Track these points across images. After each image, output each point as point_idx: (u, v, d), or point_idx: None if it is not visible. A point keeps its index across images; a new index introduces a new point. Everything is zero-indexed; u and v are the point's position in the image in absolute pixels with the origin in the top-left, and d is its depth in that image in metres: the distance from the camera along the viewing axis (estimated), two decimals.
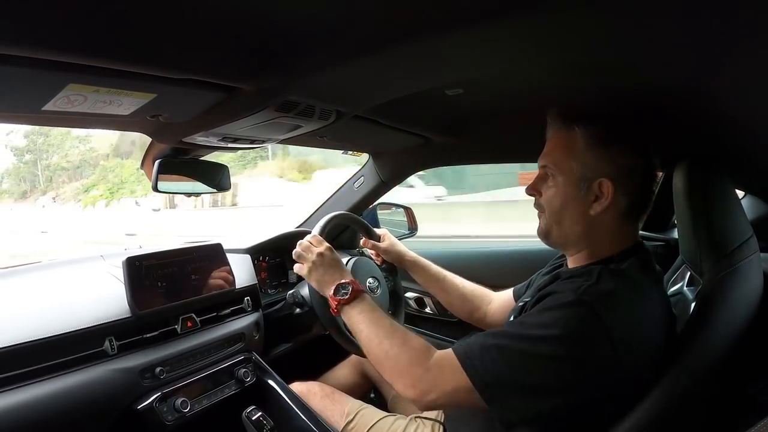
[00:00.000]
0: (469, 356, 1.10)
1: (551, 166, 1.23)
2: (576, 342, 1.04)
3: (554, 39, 0.95)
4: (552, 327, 1.05)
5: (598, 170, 1.18)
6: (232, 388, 1.71)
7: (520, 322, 1.15)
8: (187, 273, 1.72)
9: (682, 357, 1.10)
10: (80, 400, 1.33)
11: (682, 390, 1.06)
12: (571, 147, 1.20)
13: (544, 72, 1.28)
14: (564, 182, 1.21)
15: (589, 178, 1.18)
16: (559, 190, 1.22)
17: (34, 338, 1.30)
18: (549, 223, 1.26)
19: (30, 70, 0.85)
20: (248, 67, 1.09)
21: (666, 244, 2.01)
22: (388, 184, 2.53)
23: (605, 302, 1.06)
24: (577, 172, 1.19)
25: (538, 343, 1.05)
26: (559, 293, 1.11)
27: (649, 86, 1.26)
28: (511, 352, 1.07)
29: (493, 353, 1.08)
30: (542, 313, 1.10)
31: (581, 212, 1.20)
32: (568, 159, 1.20)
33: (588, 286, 1.08)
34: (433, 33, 0.92)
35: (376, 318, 1.28)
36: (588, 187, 1.18)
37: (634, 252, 1.20)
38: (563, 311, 1.07)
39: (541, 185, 1.27)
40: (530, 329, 1.08)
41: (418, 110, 1.70)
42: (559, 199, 1.22)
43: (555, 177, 1.23)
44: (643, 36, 0.93)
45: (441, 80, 1.29)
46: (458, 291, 1.80)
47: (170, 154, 1.73)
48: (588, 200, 1.19)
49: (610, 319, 1.04)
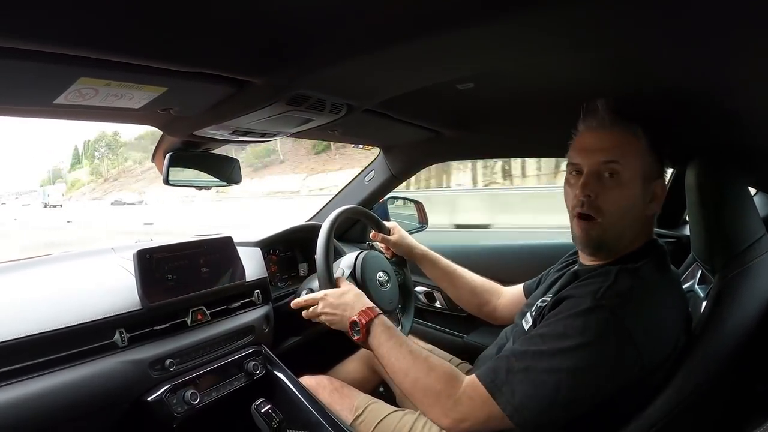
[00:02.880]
0: (497, 384, 1.10)
1: (620, 162, 1.17)
2: (600, 349, 1.04)
3: (567, 34, 0.94)
4: (574, 336, 1.05)
5: (656, 171, 1.19)
6: (242, 381, 1.71)
7: (540, 336, 1.12)
8: (198, 266, 1.73)
9: (694, 355, 1.10)
10: (90, 392, 1.34)
11: (694, 387, 1.06)
12: (635, 145, 1.18)
13: (556, 67, 1.27)
14: (631, 180, 1.17)
15: (650, 178, 1.18)
16: (625, 189, 1.17)
17: (45, 330, 1.31)
18: (606, 227, 1.20)
19: (41, 63, 0.85)
20: (259, 61, 1.09)
21: (677, 242, 2.00)
22: (399, 178, 2.53)
23: (625, 304, 1.06)
24: (642, 171, 1.17)
25: (562, 356, 1.05)
26: (577, 298, 1.11)
27: (662, 83, 1.25)
28: (538, 373, 1.06)
29: (520, 377, 1.08)
30: (562, 322, 1.09)
31: (641, 213, 1.20)
32: (636, 157, 1.17)
33: (606, 289, 1.08)
34: (445, 28, 0.91)
35: (395, 347, 1.29)
36: (649, 187, 1.18)
37: (648, 250, 1.19)
38: (583, 318, 1.06)
39: (597, 185, 1.19)
40: (552, 342, 1.07)
41: (429, 104, 1.70)
42: (625, 198, 1.18)
43: (619, 175, 1.17)
44: (658, 33, 0.92)
45: (452, 75, 1.28)
46: (468, 285, 1.80)
47: (181, 147, 1.73)
48: (646, 201, 1.19)
49: (631, 321, 1.04)
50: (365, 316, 1.35)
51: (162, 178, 1.72)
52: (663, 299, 1.13)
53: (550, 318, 1.13)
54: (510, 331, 1.48)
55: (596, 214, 1.19)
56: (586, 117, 1.25)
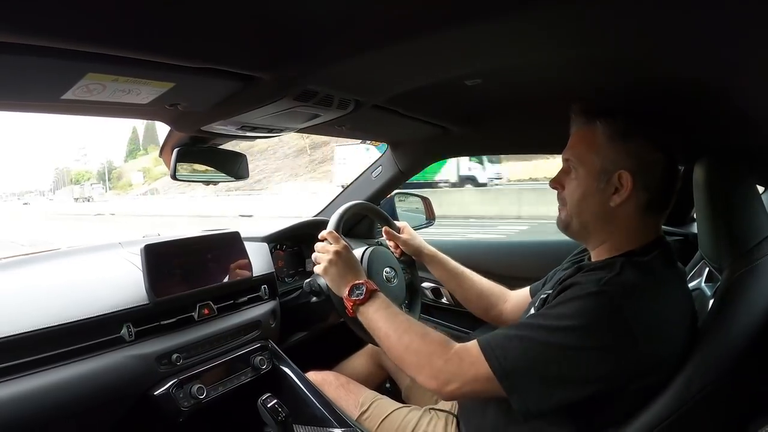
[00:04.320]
0: (491, 345, 1.11)
1: (573, 159, 1.24)
2: (596, 333, 1.04)
3: (576, 31, 0.94)
4: (573, 317, 1.05)
5: (618, 163, 1.17)
6: (248, 376, 1.72)
7: (542, 314, 1.14)
8: (205, 261, 1.73)
9: (700, 353, 1.09)
10: (97, 386, 1.35)
11: (699, 386, 1.05)
12: (592, 141, 1.21)
13: (564, 63, 1.27)
14: (585, 174, 1.22)
15: (609, 170, 1.18)
16: (580, 183, 1.23)
17: (52, 324, 1.32)
18: (569, 214, 1.26)
19: (49, 59, 0.86)
20: (267, 56, 1.09)
21: (685, 239, 1.99)
22: (406, 174, 2.52)
23: (627, 294, 1.06)
24: (597, 164, 1.19)
25: (558, 333, 1.06)
26: (581, 284, 1.11)
27: (671, 80, 1.24)
28: (532, 342, 1.07)
29: (515, 342, 1.09)
30: (564, 304, 1.10)
31: (601, 204, 1.20)
32: (589, 152, 1.21)
33: (610, 278, 1.08)
34: (454, 24, 0.91)
35: (392, 315, 1.30)
36: (608, 179, 1.18)
37: (656, 246, 1.19)
38: (584, 301, 1.07)
39: (564, 179, 1.28)
40: (551, 320, 1.09)
41: (436, 100, 1.69)
42: (580, 190, 1.23)
43: (577, 170, 1.23)
44: (666, 30, 0.91)
45: (460, 70, 1.28)
46: (475, 288, 1.79)
47: (189, 142, 1.73)
48: (608, 192, 1.19)
49: (631, 311, 1.04)
50: (371, 285, 1.36)
51: (170, 173, 1.73)
52: (667, 294, 1.13)
53: (553, 302, 1.15)
54: None
55: (563, 204, 1.29)
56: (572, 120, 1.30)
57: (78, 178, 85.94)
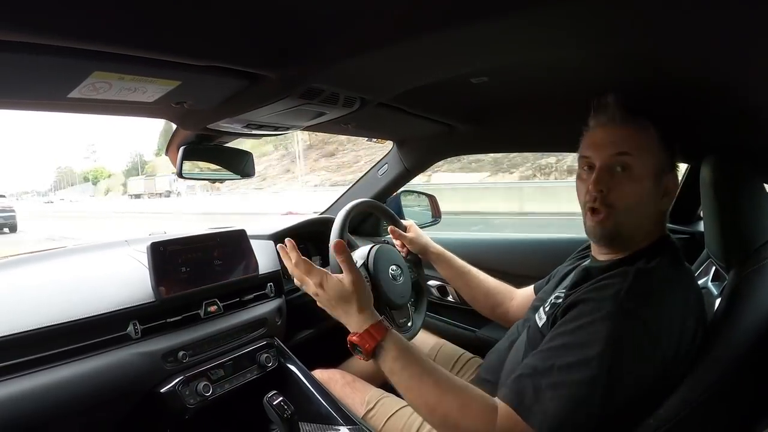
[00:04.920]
0: (527, 406, 1.04)
1: (630, 154, 1.15)
2: (627, 354, 1.02)
3: (582, 28, 0.94)
4: (600, 343, 1.01)
5: (667, 166, 1.17)
6: (254, 373, 1.73)
7: (563, 346, 1.07)
8: (211, 259, 1.74)
9: (706, 354, 1.08)
10: (104, 383, 1.36)
11: (706, 386, 1.05)
12: (646, 140, 1.16)
13: (571, 61, 1.26)
14: (642, 176, 1.16)
15: (662, 173, 1.17)
16: (636, 185, 1.16)
17: (59, 321, 1.33)
18: (621, 221, 1.18)
19: (55, 58, 0.86)
20: (272, 54, 1.09)
21: (691, 238, 1.98)
22: (412, 172, 2.53)
23: (647, 305, 1.04)
24: (654, 166, 1.16)
25: (590, 365, 1.01)
26: (597, 302, 1.08)
27: (680, 78, 1.24)
28: (569, 386, 1.02)
29: (550, 394, 1.03)
30: (584, 329, 1.06)
31: (654, 208, 1.18)
32: (646, 152, 1.16)
33: (627, 290, 1.05)
34: (459, 21, 0.90)
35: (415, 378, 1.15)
36: (661, 182, 1.17)
37: (662, 246, 1.18)
38: (607, 324, 1.03)
39: (610, 180, 1.17)
40: (578, 352, 1.04)
41: (442, 98, 1.69)
42: (637, 193, 1.16)
43: (632, 170, 1.15)
44: (675, 29, 0.91)
45: (466, 68, 1.27)
46: (482, 286, 1.79)
47: (194, 140, 1.74)
48: (659, 195, 1.18)
49: (654, 323, 1.02)
50: (370, 339, 1.19)
51: (176, 171, 1.73)
52: (681, 297, 1.11)
53: (569, 323, 1.10)
54: (521, 325, 1.47)
55: (608, 209, 1.18)
56: (597, 113, 1.22)
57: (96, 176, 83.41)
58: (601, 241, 1.23)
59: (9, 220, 21.21)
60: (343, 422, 1.53)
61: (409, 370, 1.16)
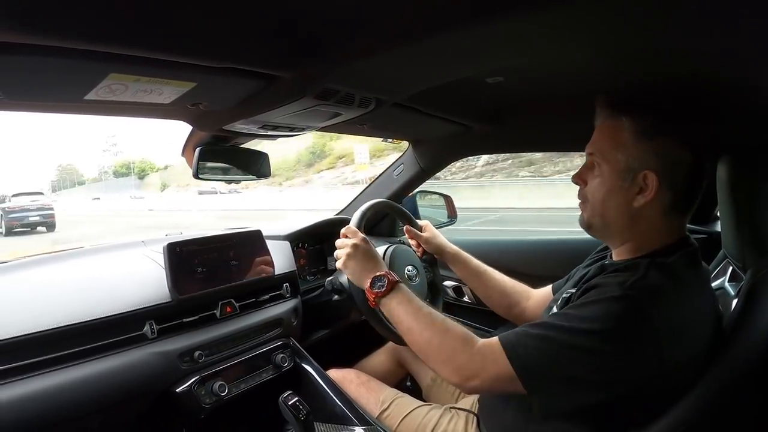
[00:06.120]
0: (513, 344, 1.10)
1: (597, 155, 1.21)
2: (621, 338, 1.02)
3: (600, 26, 0.93)
4: (597, 321, 1.04)
5: (644, 162, 1.15)
6: (270, 373, 1.73)
7: (564, 314, 1.12)
8: (227, 259, 1.74)
9: (723, 355, 1.07)
10: (120, 382, 1.37)
11: (720, 388, 1.04)
12: (617, 137, 1.18)
13: (587, 59, 1.25)
14: (609, 172, 1.19)
15: (634, 169, 1.15)
16: (603, 181, 1.20)
17: (76, 321, 1.34)
18: (592, 213, 1.24)
19: (71, 60, 0.87)
20: (288, 55, 1.09)
21: (708, 238, 1.96)
22: (428, 172, 2.52)
23: (652, 297, 1.04)
24: (622, 163, 1.16)
25: (582, 336, 1.04)
26: (605, 286, 1.09)
27: (697, 76, 1.22)
28: (555, 343, 1.06)
29: (537, 342, 1.08)
30: (587, 306, 1.08)
31: (624, 204, 1.18)
32: (614, 149, 1.18)
33: (635, 281, 1.06)
34: (474, 21, 0.90)
35: (415, 308, 1.28)
36: (632, 179, 1.16)
37: (680, 246, 1.17)
38: (609, 305, 1.05)
39: (587, 174, 1.25)
40: (575, 322, 1.07)
41: (457, 98, 1.69)
42: (603, 189, 1.20)
43: (600, 167, 1.20)
44: (694, 26, 0.90)
45: (481, 68, 1.27)
46: (498, 286, 1.78)
47: (211, 141, 1.75)
48: (632, 192, 1.16)
49: (657, 315, 1.02)
50: (392, 276, 1.34)
51: (192, 172, 1.74)
52: (692, 296, 1.11)
53: (576, 302, 1.13)
54: None
55: (584, 203, 1.26)
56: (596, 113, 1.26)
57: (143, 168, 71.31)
58: (583, 228, 1.30)
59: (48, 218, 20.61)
60: (358, 422, 1.53)
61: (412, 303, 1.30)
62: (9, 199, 20.98)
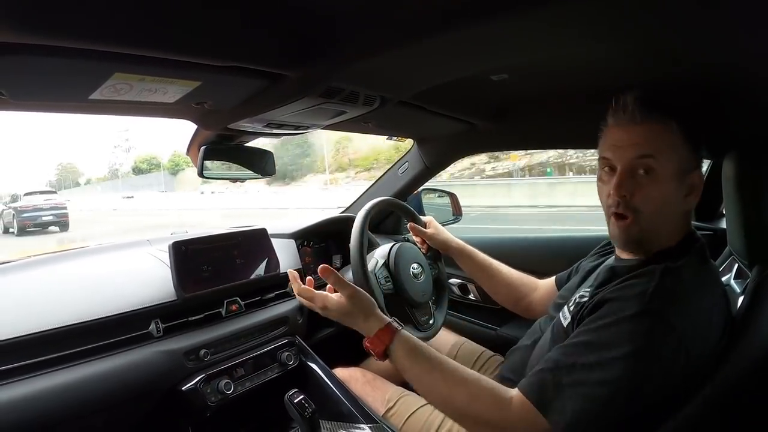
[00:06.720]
0: (546, 401, 1.04)
1: (653, 156, 1.10)
2: (652, 354, 1.00)
3: (604, 23, 0.93)
4: (624, 344, 1.00)
5: (692, 163, 1.13)
6: (275, 371, 1.73)
7: (586, 345, 1.06)
8: (232, 257, 1.75)
9: (730, 352, 1.07)
10: (126, 381, 1.38)
11: (727, 387, 1.03)
12: (669, 139, 1.11)
13: (592, 56, 1.25)
14: (665, 177, 1.11)
15: (686, 171, 1.12)
16: (660, 186, 1.11)
17: (82, 320, 1.35)
18: (646, 226, 1.14)
19: (76, 60, 0.87)
20: (292, 54, 1.09)
21: (713, 234, 1.95)
22: (433, 170, 2.52)
23: (672, 305, 1.02)
24: (678, 165, 1.11)
25: (613, 366, 1.00)
26: (622, 301, 1.06)
27: (702, 73, 1.22)
28: (589, 386, 1.01)
29: (570, 392, 1.03)
30: (609, 329, 1.04)
31: (679, 209, 1.15)
32: (669, 151, 1.11)
33: (653, 291, 1.03)
34: (479, 19, 0.90)
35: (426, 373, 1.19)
36: (685, 181, 1.13)
37: (688, 244, 1.16)
38: (632, 324, 1.01)
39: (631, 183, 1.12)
40: (601, 352, 1.02)
41: (462, 96, 1.69)
42: (662, 195, 1.12)
43: (655, 172, 1.11)
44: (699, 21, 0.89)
45: (486, 66, 1.27)
46: (504, 279, 1.78)
47: (215, 140, 1.74)
48: (682, 195, 1.13)
49: (680, 323, 1.00)
50: (379, 342, 1.23)
51: (197, 171, 1.74)
52: (707, 297, 1.09)
53: (594, 322, 1.08)
54: (544, 323, 1.46)
55: (634, 214, 1.13)
56: (615, 111, 1.17)
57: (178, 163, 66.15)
58: (626, 246, 1.21)
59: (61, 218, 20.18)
60: (364, 420, 1.53)
61: (418, 366, 1.19)
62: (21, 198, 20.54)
